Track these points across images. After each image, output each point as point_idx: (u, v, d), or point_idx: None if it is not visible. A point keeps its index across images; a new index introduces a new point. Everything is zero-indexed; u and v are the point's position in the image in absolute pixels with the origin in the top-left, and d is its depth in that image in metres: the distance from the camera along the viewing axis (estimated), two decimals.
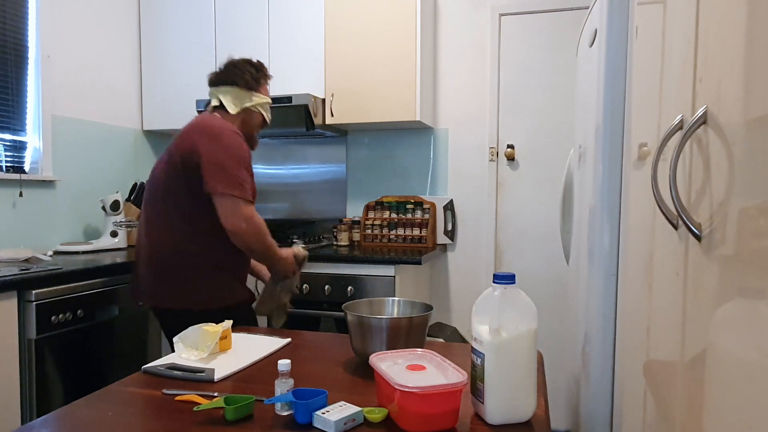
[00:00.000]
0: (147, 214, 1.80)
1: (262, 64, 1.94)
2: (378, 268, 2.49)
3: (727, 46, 0.64)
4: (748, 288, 0.55)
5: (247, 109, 1.88)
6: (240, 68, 1.87)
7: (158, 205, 1.77)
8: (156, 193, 1.77)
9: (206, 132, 1.70)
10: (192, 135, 1.71)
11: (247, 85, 1.87)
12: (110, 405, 1.07)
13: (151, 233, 1.76)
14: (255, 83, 1.89)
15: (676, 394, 0.79)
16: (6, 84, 2.51)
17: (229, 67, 1.88)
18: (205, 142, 1.68)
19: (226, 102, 1.84)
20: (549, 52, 2.90)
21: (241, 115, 1.86)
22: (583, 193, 1.59)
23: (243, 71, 1.87)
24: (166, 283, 1.74)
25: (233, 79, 1.85)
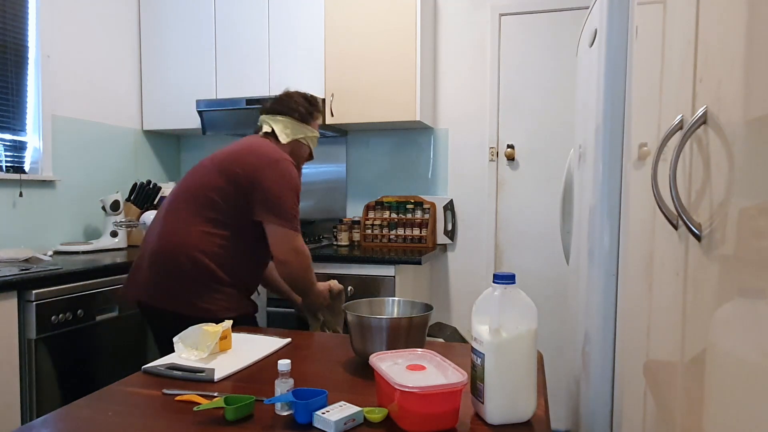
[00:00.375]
0: (170, 217, 1.75)
1: (315, 99, 2.00)
2: (378, 268, 2.49)
3: (727, 46, 0.64)
4: (748, 288, 0.55)
5: (297, 141, 1.92)
6: (295, 100, 1.93)
7: (189, 213, 1.72)
8: (190, 201, 1.73)
9: (265, 158, 1.73)
10: (249, 158, 1.73)
11: (301, 117, 1.91)
12: (110, 405, 1.07)
13: (171, 238, 1.71)
14: (308, 116, 1.94)
15: (676, 394, 0.79)
16: (6, 84, 2.51)
17: (284, 98, 1.94)
18: (265, 169, 1.71)
19: (278, 130, 1.89)
20: (549, 52, 2.90)
21: (291, 145, 1.90)
22: (583, 193, 1.59)
23: (298, 103, 1.92)
24: (174, 289, 1.68)
25: (288, 110, 1.90)
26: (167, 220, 1.75)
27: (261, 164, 1.72)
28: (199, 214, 1.71)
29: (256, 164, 1.71)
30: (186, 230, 1.70)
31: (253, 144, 1.79)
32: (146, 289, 1.71)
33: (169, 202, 1.80)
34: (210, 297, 1.68)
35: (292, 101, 1.92)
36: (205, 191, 1.72)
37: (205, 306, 1.67)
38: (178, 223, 1.72)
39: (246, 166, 1.71)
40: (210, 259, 1.68)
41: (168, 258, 1.69)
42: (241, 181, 1.70)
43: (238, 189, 1.71)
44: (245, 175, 1.70)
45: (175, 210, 1.75)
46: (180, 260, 1.67)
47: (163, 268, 1.69)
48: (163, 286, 1.69)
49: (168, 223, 1.74)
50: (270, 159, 1.73)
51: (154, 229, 1.79)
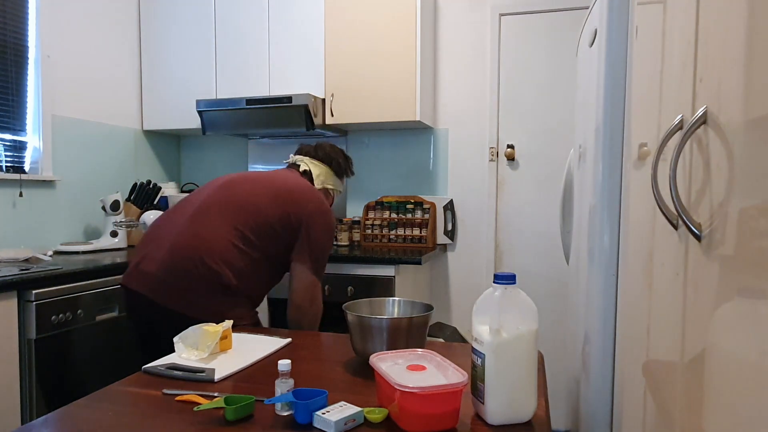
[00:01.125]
0: (201, 220, 1.70)
1: (350, 159, 2.13)
2: (378, 268, 2.49)
3: (727, 46, 0.64)
4: (748, 288, 0.55)
5: (327, 190, 2.03)
6: (336, 152, 2.06)
7: (224, 222, 1.69)
8: (229, 212, 1.71)
9: (319, 206, 1.81)
10: (303, 200, 1.79)
11: (337, 170, 2.05)
12: (110, 405, 1.07)
13: (198, 241, 1.66)
14: (342, 172, 2.08)
15: (676, 394, 0.79)
16: (6, 84, 2.51)
17: (326, 147, 2.06)
18: (317, 216, 1.79)
19: (314, 174, 1.99)
20: (549, 52, 2.91)
21: (322, 192, 2.00)
22: (583, 193, 1.59)
23: (338, 155, 2.06)
24: (186, 290, 1.63)
25: (328, 159, 2.03)
26: (196, 221, 1.70)
27: (315, 211, 1.79)
28: (236, 228, 1.70)
29: (311, 210, 1.78)
30: (217, 238, 1.67)
31: (305, 186, 1.85)
32: (154, 284, 1.64)
33: (201, 203, 1.75)
34: (222, 304, 1.66)
35: (333, 152, 2.05)
36: (251, 211, 1.73)
37: (217, 315, 1.62)
38: (208, 229, 1.68)
39: (301, 208, 1.77)
40: (233, 272, 1.66)
41: (191, 260, 1.63)
42: (292, 220, 1.76)
43: (286, 225, 1.75)
44: (298, 215, 1.76)
45: (206, 214, 1.72)
46: (200, 264, 1.63)
47: (181, 268, 1.63)
48: (176, 285, 1.63)
49: (197, 225, 1.69)
50: (323, 208, 1.82)
51: (174, 225, 1.72)
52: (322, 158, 2.02)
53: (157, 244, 1.70)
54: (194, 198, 1.80)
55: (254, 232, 1.71)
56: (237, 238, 1.69)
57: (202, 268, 1.63)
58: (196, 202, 1.77)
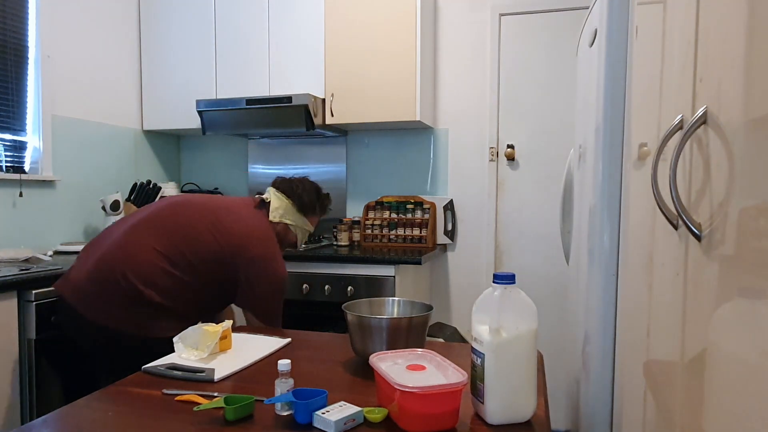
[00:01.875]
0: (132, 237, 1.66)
1: (325, 196, 1.99)
2: (378, 268, 2.49)
3: (727, 46, 0.64)
4: (748, 288, 0.55)
5: (287, 226, 1.90)
6: (304, 187, 1.93)
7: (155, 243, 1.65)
8: (162, 235, 1.67)
9: (258, 253, 1.70)
10: (246, 242, 1.70)
11: (301, 207, 1.92)
12: (110, 405, 1.07)
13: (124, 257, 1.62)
14: (309, 208, 1.94)
15: (676, 394, 0.79)
16: (6, 84, 2.51)
17: (295, 182, 1.94)
18: (256, 266, 1.69)
19: (273, 207, 1.88)
20: (549, 52, 2.91)
21: (279, 226, 1.88)
22: (583, 193, 1.59)
23: (305, 191, 1.93)
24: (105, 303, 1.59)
25: (293, 195, 1.91)
26: (129, 236, 1.67)
27: (255, 258, 1.69)
28: (166, 250, 1.64)
29: (251, 256, 1.68)
30: (144, 256, 1.62)
31: (252, 224, 1.75)
32: (79, 292, 1.62)
33: (141, 219, 1.72)
34: (143, 317, 1.60)
35: (300, 187, 1.92)
36: (187, 239, 1.66)
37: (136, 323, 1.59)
38: (138, 246, 1.64)
39: (239, 252, 1.68)
40: (156, 291, 1.60)
41: (112, 274, 1.60)
42: (228, 262, 1.67)
43: (222, 264, 1.67)
44: (234, 259, 1.67)
45: (141, 231, 1.67)
46: (122, 278, 1.59)
47: (104, 279, 1.60)
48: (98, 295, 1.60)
49: (128, 240, 1.65)
50: (265, 255, 1.71)
51: (110, 236, 1.71)
52: (284, 191, 1.91)
53: (90, 253, 1.70)
54: (139, 213, 1.78)
55: (185, 259, 1.65)
56: (165, 261, 1.63)
57: (123, 282, 1.59)
58: (137, 218, 1.74)
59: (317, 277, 2.56)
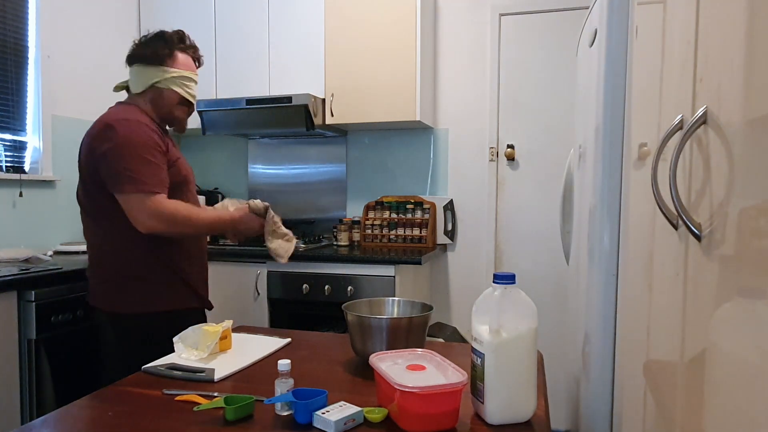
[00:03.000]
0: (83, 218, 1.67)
1: (174, 34, 1.71)
2: (378, 268, 2.49)
3: (727, 46, 0.64)
4: (748, 288, 0.55)
5: (155, 87, 1.66)
6: (148, 44, 1.67)
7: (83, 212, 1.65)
8: (78, 199, 1.65)
9: (93, 131, 1.57)
10: (90, 132, 1.58)
11: (155, 61, 1.66)
12: (110, 405, 1.07)
13: (89, 241, 1.66)
14: (166, 57, 1.67)
15: (676, 394, 0.79)
16: (6, 84, 2.51)
17: (135, 44, 1.70)
18: (97, 139, 1.54)
19: (131, 82, 1.68)
20: (549, 52, 2.90)
21: (150, 95, 1.67)
22: (583, 193, 1.59)
23: (149, 46, 1.67)
24: (104, 288, 1.62)
25: (138, 57, 1.67)
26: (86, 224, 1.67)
27: (94, 135, 1.55)
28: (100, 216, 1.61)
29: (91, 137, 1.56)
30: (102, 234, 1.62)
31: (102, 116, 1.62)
32: (97, 296, 1.66)
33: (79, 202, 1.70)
34: (154, 290, 1.60)
35: (144, 46, 1.67)
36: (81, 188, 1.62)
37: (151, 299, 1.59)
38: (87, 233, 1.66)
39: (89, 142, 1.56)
40: (138, 254, 1.58)
41: (102, 265, 1.63)
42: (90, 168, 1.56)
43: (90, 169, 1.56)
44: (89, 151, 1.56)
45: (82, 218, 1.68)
46: (114, 264, 1.61)
47: (93, 275, 1.66)
48: (96, 288, 1.65)
49: (85, 233, 1.67)
50: (102, 124, 1.55)
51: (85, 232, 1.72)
52: (127, 60, 1.70)
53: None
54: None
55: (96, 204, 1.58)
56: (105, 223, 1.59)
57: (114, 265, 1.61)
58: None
59: (317, 277, 2.56)
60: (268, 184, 3.38)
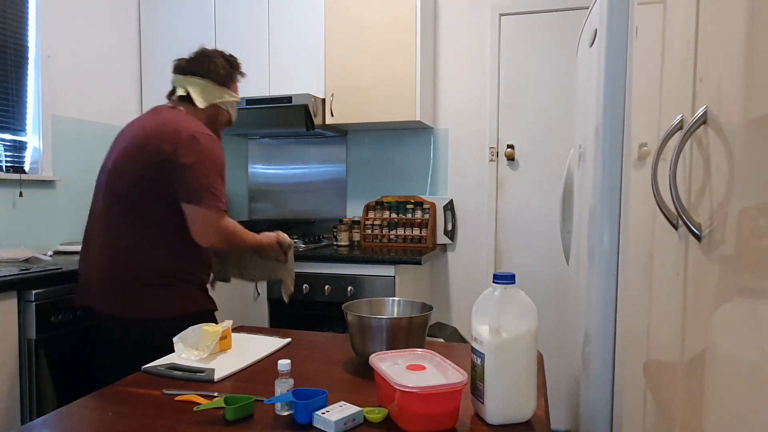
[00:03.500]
0: (103, 223, 1.64)
1: (235, 59, 1.82)
2: (378, 268, 2.49)
3: (727, 46, 0.64)
4: (748, 288, 0.55)
5: (216, 106, 1.75)
6: (214, 60, 1.74)
7: (116, 217, 1.62)
8: (114, 197, 1.62)
9: (179, 135, 1.55)
10: (163, 135, 1.56)
11: (220, 80, 1.75)
12: (110, 405, 1.07)
13: (111, 241, 1.62)
14: (228, 79, 1.77)
15: (676, 394, 0.79)
16: (6, 84, 2.51)
17: (201, 57, 1.74)
18: (182, 146, 1.54)
19: (194, 95, 1.71)
20: (549, 52, 2.90)
21: (208, 111, 1.74)
22: (583, 193, 1.59)
23: (217, 64, 1.74)
24: (127, 293, 1.60)
25: (206, 72, 1.72)
26: (104, 231, 1.64)
27: (178, 141, 1.53)
28: (123, 216, 1.59)
29: (173, 141, 1.54)
30: (130, 237, 1.59)
31: (165, 118, 1.61)
32: (104, 301, 1.62)
33: (97, 210, 1.68)
34: (171, 297, 1.60)
35: (210, 62, 1.73)
36: (119, 181, 1.59)
37: (168, 305, 1.59)
38: (113, 235, 1.61)
39: (160, 148, 1.54)
40: (162, 262, 1.59)
41: (119, 270, 1.60)
42: (157, 167, 1.54)
43: (158, 176, 1.54)
44: (158, 157, 1.54)
45: (104, 219, 1.64)
46: (135, 271, 1.59)
47: (118, 280, 1.60)
48: (123, 296, 1.60)
49: (105, 231, 1.63)
50: (187, 134, 1.55)
51: (93, 233, 1.69)
52: (197, 72, 1.72)
53: (86, 258, 1.68)
54: (94, 202, 1.74)
55: (142, 205, 1.57)
56: (140, 225, 1.58)
57: (134, 272, 1.58)
58: (95, 209, 1.71)
59: (317, 277, 2.56)
60: (268, 184, 3.38)
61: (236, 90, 1.84)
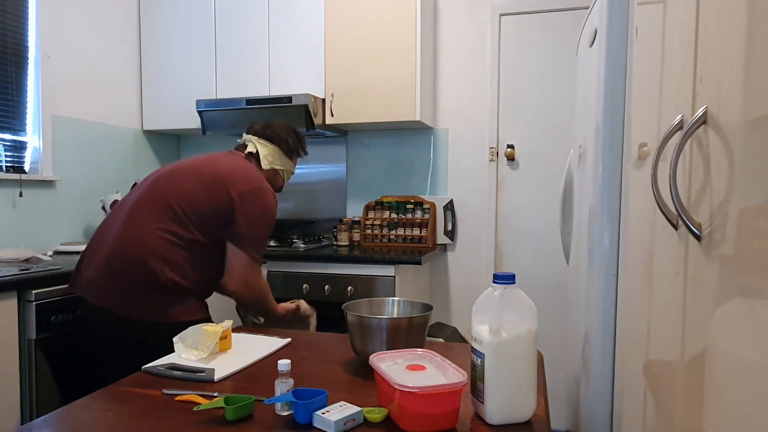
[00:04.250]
0: (133, 221, 1.68)
1: (304, 139, 2.08)
2: (378, 268, 2.49)
3: (727, 46, 0.64)
4: (748, 288, 0.55)
5: (276, 171, 1.99)
6: (286, 131, 2.01)
7: (154, 220, 1.67)
8: (156, 209, 1.69)
9: (253, 184, 1.75)
10: (236, 180, 1.74)
11: (288, 151, 2.01)
12: (110, 405, 1.07)
13: (133, 243, 1.64)
14: (293, 152, 2.03)
15: (676, 394, 0.79)
16: (6, 84, 2.51)
17: (276, 126, 2.00)
18: (250, 195, 1.73)
19: (262, 155, 1.94)
20: (549, 52, 2.90)
21: (269, 172, 1.96)
22: (583, 193, 1.59)
23: (288, 135, 2.00)
24: (129, 293, 1.62)
25: (277, 139, 1.98)
26: (128, 223, 1.68)
27: (249, 190, 1.73)
28: (166, 223, 1.66)
29: (245, 189, 1.73)
30: (149, 237, 1.64)
31: (238, 165, 1.80)
32: (97, 289, 1.65)
33: (134, 203, 1.73)
34: (164, 302, 1.64)
35: (283, 131, 1.99)
36: (181, 204, 1.68)
37: (158, 310, 1.63)
38: (140, 229, 1.66)
39: (233, 189, 1.71)
40: (170, 268, 1.63)
41: (127, 263, 1.62)
42: (224, 203, 1.70)
43: (218, 209, 1.70)
44: (230, 196, 1.70)
45: (138, 214, 1.69)
46: (138, 265, 1.61)
47: (120, 273, 1.63)
48: (118, 289, 1.63)
49: (129, 227, 1.67)
50: (259, 186, 1.76)
51: (110, 229, 1.72)
52: (270, 137, 1.97)
53: (95, 250, 1.72)
54: (129, 198, 1.79)
55: (186, 225, 1.67)
56: (169, 234, 1.65)
57: (140, 268, 1.61)
58: (129, 203, 1.75)
59: (317, 277, 2.56)
60: None
61: (295, 163, 2.09)
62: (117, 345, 1.70)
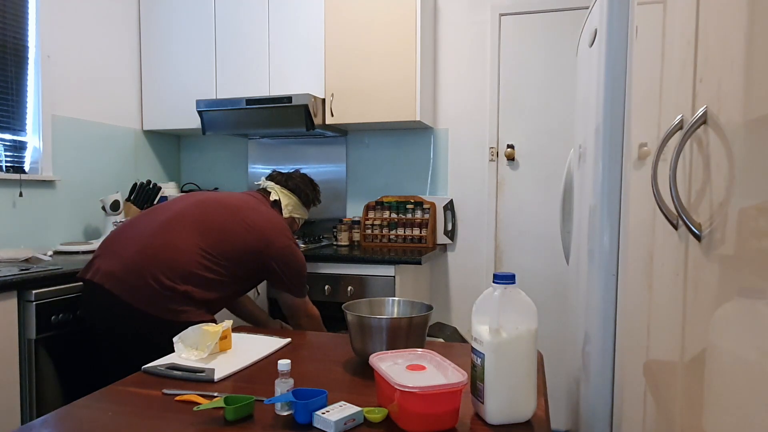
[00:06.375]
0: (173, 230, 1.77)
1: (319, 189, 2.32)
2: (378, 268, 2.49)
3: (727, 46, 0.64)
4: (748, 288, 0.55)
5: (294, 218, 2.22)
6: (306, 183, 2.24)
7: (194, 240, 1.76)
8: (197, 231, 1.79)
9: (286, 243, 1.94)
10: (272, 238, 1.90)
11: (306, 202, 2.24)
12: (110, 405, 1.07)
13: (166, 251, 1.71)
14: (310, 203, 2.27)
15: (676, 394, 0.79)
16: (6, 84, 2.51)
17: (297, 179, 2.22)
18: (287, 254, 1.93)
19: (284, 204, 2.16)
20: (549, 52, 2.90)
21: (288, 220, 2.18)
22: (583, 193, 1.59)
23: (306, 186, 2.24)
24: (144, 291, 1.67)
25: (298, 190, 2.20)
26: (168, 229, 1.77)
27: (285, 247, 1.93)
28: (205, 247, 1.77)
29: (282, 248, 1.92)
30: (185, 251, 1.73)
31: (275, 222, 1.97)
32: (118, 280, 1.68)
33: (176, 214, 1.82)
34: (177, 306, 1.69)
35: (303, 183, 2.23)
36: (222, 238, 1.81)
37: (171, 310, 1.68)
38: (179, 240, 1.75)
39: (272, 247, 1.90)
40: (193, 285, 1.71)
41: (154, 264, 1.68)
42: (263, 256, 1.87)
43: (255, 257, 1.86)
44: (268, 252, 1.89)
45: (179, 225, 1.78)
46: (167, 270, 1.68)
47: (146, 269, 1.68)
48: (137, 285, 1.67)
49: (168, 234, 1.75)
50: (291, 243, 1.97)
51: (144, 228, 1.78)
52: (292, 189, 2.19)
53: (123, 244, 1.76)
54: (168, 207, 1.87)
55: (222, 257, 1.79)
56: (205, 257, 1.76)
57: (168, 273, 1.68)
58: (169, 212, 1.83)
59: (317, 277, 2.56)
60: None
61: (308, 212, 2.31)
62: (120, 337, 1.73)
